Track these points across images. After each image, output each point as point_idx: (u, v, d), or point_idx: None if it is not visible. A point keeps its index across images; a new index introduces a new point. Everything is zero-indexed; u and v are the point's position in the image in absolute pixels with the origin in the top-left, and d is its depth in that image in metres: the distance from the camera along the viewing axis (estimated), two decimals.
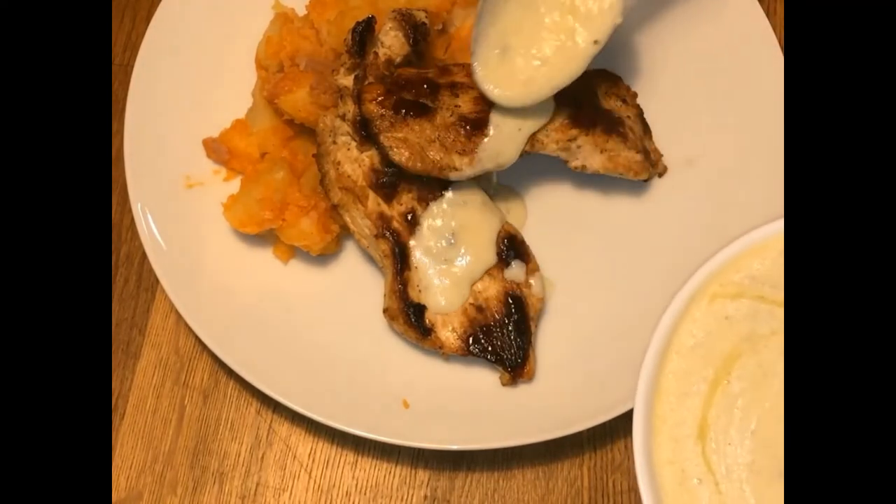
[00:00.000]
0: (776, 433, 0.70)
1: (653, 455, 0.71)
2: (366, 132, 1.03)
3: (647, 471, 0.71)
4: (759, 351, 0.73)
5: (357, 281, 1.10)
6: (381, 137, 1.01)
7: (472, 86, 1.04)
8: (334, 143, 1.05)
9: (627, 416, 0.99)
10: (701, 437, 0.71)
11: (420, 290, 1.03)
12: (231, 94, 1.16)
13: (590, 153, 1.06)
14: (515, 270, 1.04)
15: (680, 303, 0.75)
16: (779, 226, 0.76)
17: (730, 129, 1.12)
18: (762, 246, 0.76)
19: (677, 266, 1.06)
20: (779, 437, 0.70)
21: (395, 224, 1.03)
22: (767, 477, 0.69)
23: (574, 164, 1.07)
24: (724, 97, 1.13)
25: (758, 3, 1.15)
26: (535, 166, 1.12)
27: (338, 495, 1.04)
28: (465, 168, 1.01)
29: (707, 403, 0.72)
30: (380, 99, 1.02)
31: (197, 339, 1.06)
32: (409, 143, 1.01)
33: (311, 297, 1.09)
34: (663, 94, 1.14)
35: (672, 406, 0.73)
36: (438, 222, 1.03)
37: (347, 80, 1.06)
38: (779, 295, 0.74)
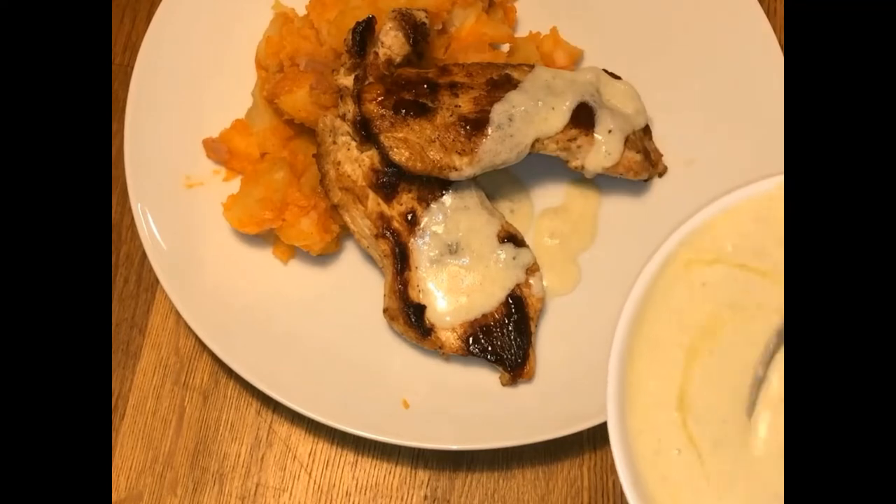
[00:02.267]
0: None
1: (627, 423, 0.68)
2: (366, 132, 1.03)
3: (622, 439, 0.68)
4: (744, 321, 0.68)
5: (357, 281, 1.10)
6: (381, 137, 1.01)
7: (473, 86, 1.04)
8: (334, 143, 1.05)
9: None
10: (680, 409, 0.68)
11: (420, 291, 1.03)
12: (231, 94, 1.16)
13: (590, 153, 1.06)
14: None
15: (655, 265, 0.72)
16: (752, 190, 0.73)
17: (730, 129, 1.12)
18: (735, 209, 0.73)
19: None
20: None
21: (396, 224, 1.03)
22: (760, 456, 0.65)
23: (574, 164, 1.07)
24: (724, 97, 1.13)
25: (758, 3, 1.14)
26: (535, 166, 1.11)
27: (338, 495, 1.04)
28: (465, 168, 1.01)
29: (686, 374, 0.68)
30: (380, 99, 1.02)
31: (197, 339, 1.06)
32: (409, 143, 1.01)
33: (311, 297, 1.09)
34: (663, 94, 1.14)
35: (647, 375, 0.69)
36: (439, 224, 1.03)
37: (347, 80, 1.06)
38: (762, 264, 0.70)
